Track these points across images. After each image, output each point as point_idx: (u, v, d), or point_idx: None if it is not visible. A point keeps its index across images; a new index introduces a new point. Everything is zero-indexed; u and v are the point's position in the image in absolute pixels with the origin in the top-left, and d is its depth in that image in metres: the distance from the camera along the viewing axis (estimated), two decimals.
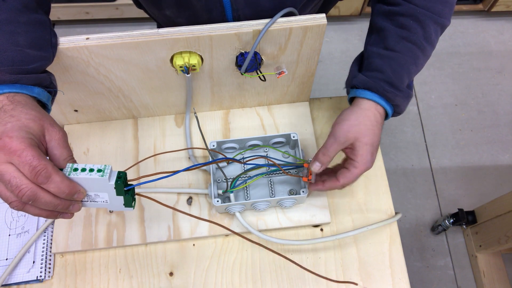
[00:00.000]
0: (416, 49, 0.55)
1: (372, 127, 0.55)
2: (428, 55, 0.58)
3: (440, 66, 1.83)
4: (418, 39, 0.55)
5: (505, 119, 1.71)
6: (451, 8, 0.57)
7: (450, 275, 1.44)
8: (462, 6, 1.87)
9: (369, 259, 0.65)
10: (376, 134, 0.55)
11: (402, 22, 0.55)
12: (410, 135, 1.68)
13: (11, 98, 0.43)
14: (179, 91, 0.67)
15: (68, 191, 0.41)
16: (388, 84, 0.55)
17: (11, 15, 0.46)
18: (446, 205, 1.55)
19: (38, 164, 0.39)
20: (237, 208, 0.62)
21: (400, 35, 0.55)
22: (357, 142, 0.54)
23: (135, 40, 0.53)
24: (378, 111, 0.56)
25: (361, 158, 0.54)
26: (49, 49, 0.49)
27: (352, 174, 0.55)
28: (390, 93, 0.54)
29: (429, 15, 0.55)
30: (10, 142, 0.39)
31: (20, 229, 0.66)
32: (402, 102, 0.56)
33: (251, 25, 0.54)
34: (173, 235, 0.65)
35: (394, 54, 0.55)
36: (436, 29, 0.56)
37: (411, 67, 0.56)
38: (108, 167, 0.43)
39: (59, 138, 0.43)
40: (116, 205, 0.47)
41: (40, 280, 0.62)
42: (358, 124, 0.54)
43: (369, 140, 0.54)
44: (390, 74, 0.55)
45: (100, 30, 1.88)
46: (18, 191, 0.39)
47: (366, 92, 0.55)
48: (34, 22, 0.48)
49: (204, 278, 0.63)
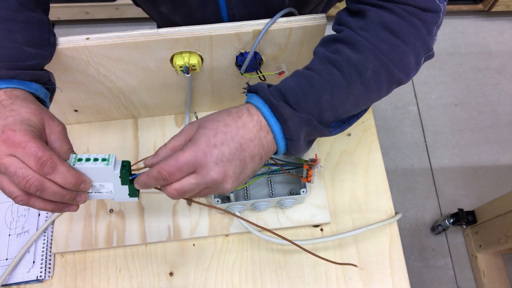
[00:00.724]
0: (338, 74, 0.45)
1: (228, 120, 0.43)
2: (356, 91, 0.45)
3: (440, 66, 1.83)
4: (341, 61, 0.45)
5: (505, 119, 1.71)
6: (403, 61, 0.46)
7: (450, 275, 1.44)
8: (462, 6, 1.87)
9: (369, 259, 0.65)
10: (228, 131, 0.42)
11: (336, 47, 0.46)
12: (410, 135, 1.68)
13: (9, 93, 0.43)
14: (179, 91, 0.67)
15: (74, 180, 0.41)
16: (278, 91, 0.44)
17: (8, 13, 0.46)
18: (446, 205, 1.55)
19: (44, 155, 0.39)
20: (237, 208, 0.62)
21: (325, 57, 0.46)
22: (198, 129, 0.43)
23: (135, 40, 0.53)
24: (255, 118, 0.43)
25: (192, 142, 0.42)
26: (47, 47, 0.49)
27: (173, 157, 0.41)
28: (274, 100, 0.43)
29: (371, 48, 0.45)
30: (13, 135, 0.39)
31: (20, 229, 0.66)
32: (290, 118, 0.43)
33: (251, 25, 0.54)
34: (173, 235, 0.65)
35: (308, 72, 0.46)
36: (378, 68, 0.45)
37: (323, 90, 0.44)
38: (113, 156, 0.43)
39: (59, 132, 0.44)
40: (121, 196, 0.46)
41: (40, 280, 0.62)
42: (212, 116, 0.44)
43: (213, 130, 0.42)
44: (288, 82, 0.45)
45: (100, 30, 1.88)
46: (25, 182, 0.39)
47: (252, 95, 0.45)
48: (32, 20, 0.48)
49: (204, 278, 0.63)
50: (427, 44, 0.47)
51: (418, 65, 0.48)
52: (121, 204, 0.67)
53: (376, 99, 0.49)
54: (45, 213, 0.66)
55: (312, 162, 0.59)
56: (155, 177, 0.42)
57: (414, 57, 0.47)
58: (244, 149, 0.42)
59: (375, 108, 1.72)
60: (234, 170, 0.42)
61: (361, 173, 0.71)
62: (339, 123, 0.49)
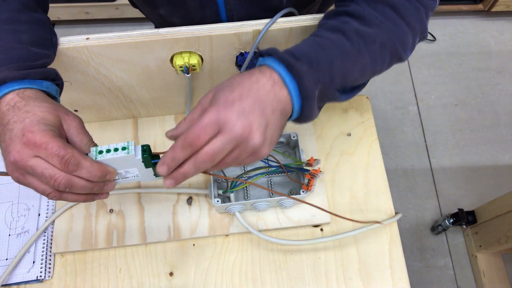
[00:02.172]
0: (348, 43, 0.46)
1: (241, 79, 0.42)
2: (364, 61, 0.47)
3: (440, 66, 1.83)
4: (350, 31, 0.47)
5: (505, 119, 1.71)
6: (404, 40, 0.50)
7: (450, 275, 1.44)
8: (462, 6, 1.87)
9: (369, 259, 0.65)
10: (244, 87, 0.42)
11: (344, 19, 0.49)
12: (410, 135, 1.68)
13: (21, 95, 0.43)
14: (179, 91, 0.67)
15: (99, 174, 0.42)
16: (290, 53, 0.44)
17: (12, 14, 0.46)
18: (446, 205, 1.55)
19: (66, 153, 0.39)
20: (237, 208, 0.62)
21: (335, 27, 0.48)
22: (213, 94, 0.42)
23: (135, 40, 0.53)
24: (268, 74, 0.43)
25: (210, 105, 0.41)
26: (50, 47, 0.50)
27: (195, 123, 0.40)
28: (290, 59, 0.43)
29: (378, 24, 0.48)
30: (33, 137, 0.39)
31: (20, 229, 0.66)
32: (306, 75, 0.43)
33: (251, 25, 0.54)
34: (173, 235, 0.65)
35: (319, 38, 0.47)
36: (384, 42, 0.48)
37: (334, 56, 0.45)
38: (131, 143, 0.43)
39: (77, 125, 0.44)
40: (147, 177, 0.47)
41: (40, 280, 0.62)
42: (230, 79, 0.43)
43: (228, 88, 0.41)
44: (300, 47, 0.46)
45: (100, 30, 1.88)
46: (53, 181, 0.40)
47: (266, 58, 0.45)
48: (34, 21, 0.48)
49: (204, 278, 0.63)
50: (425, 27, 0.51)
51: (414, 45, 0.52)
52: (121, 204, 0.67)
53: (378, 72, 0.51)
54: (45, 213, 0.67)
55: (315, 171, 0.59)
56: (180, 146, 0.41)
57: (412, 38, 0.51)
58: (263, 101, 0.41)
59: (375, 108, 1.72)
60: (259, 122, 0.41)
61: (361, 173, 0.71)
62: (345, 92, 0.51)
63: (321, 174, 0.59)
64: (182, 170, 0.42)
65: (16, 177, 0.41)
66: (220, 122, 0.40)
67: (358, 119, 0.75)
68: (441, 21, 1.93)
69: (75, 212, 0.66)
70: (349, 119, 0.75)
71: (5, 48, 0.44)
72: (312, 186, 0.58)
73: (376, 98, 1.76)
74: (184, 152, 0.41)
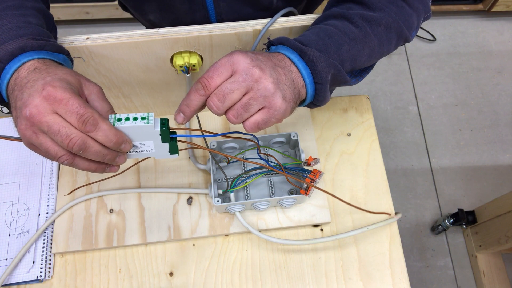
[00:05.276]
0: (354, 28, 0.49)
1: (260, 54, 0.44)
2: (371, 44, 0.49)
3: (440, 66, 1.83)
4: (355, 16, 0.49)
5: (505, 119, 1.71)
6: (408, 21, 0.52)
7: (450, 275, 1.44)
8: (462, 6, 1.87)
9: (369, 259, 0.65)
10: (264, 60, 0.43)
11: (348, 6, 0.51)
12: (410, 135, 1.68)
13: (41, 61, 0.42)
14: (179, 91, 0.67)
15: (115, 139, 0.40)
16: (300, 42, 0.46)
17: (18, 1, 0.47)
18: (446, 205, 1.55)
19: (85, 112, 0.38)
20: (237, 208, 0.62)
21: (340, 13, 0.50)
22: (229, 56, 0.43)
23: (135, 40, 0.53)
24: (277, 55, 0.46)
25: (238, 65, 0.42)
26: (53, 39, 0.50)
27: (231, 79, 0.42)
28: (302, 46, 0.45)
29: (381, 7, 0.50)
30: (54, 91, 0.38)
31: (20, 229, 0.66)
32: (317, 58, 0.45)
33: (251, 25, 0.54)
34: (173, 235, 0.65)
35: (325, 26, 0.49)
36: (389, 24, 0.50)
37: (342, 42, 0.47)
38: (151, 114, 0.42)
39: (98, 92, 0.43)
40: (162, 153, 0.46)
41: (40, 280, 0.62)
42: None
43: (243, 51, 0.43)
44: (308, 35, 0.48)
45: (100, 30, 1.88)
46: (68, 140, 0.38)
47: (279, 46, 0.47)
48: (39, 10, 0.49)
49: (204, 278, 0.63)
50: (428, 7, 0.53)
51: (418, 25, 0.54)
52: (121, 204, 0.67)
53: (386, 53, 0.53)
54: (45, 213, 0.66)
55: (315, 175, 0.59)
56: (195, 89, 0.42)
57: (417, 18, 0.53)
58: (276, 63, 0.44)
59: (375, 108, 1.73)
60: (270, 71, 0.42)
61: (361, 173, 0.71)
62: (353, 75, 0.53)
63: (322, 175, 0.59)
64: (190, 102, 0.43)
65: (28, 136, 0.39)
66: (233, 62, 0.42)
67: (358, 119, 0.75)
68: (441, 21, 1.94)
69: (75, 212, 0.66)
70: (349, 119, 0.75)
71: (18, 26, 0.44)
72: (310, 191, 0.58)
73: (376, 98, 1.76)
74: (199, 95, 0.42)
